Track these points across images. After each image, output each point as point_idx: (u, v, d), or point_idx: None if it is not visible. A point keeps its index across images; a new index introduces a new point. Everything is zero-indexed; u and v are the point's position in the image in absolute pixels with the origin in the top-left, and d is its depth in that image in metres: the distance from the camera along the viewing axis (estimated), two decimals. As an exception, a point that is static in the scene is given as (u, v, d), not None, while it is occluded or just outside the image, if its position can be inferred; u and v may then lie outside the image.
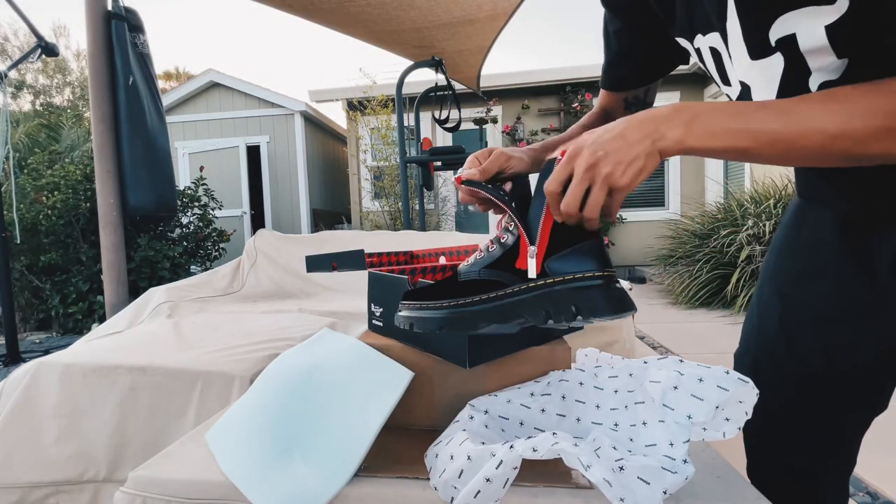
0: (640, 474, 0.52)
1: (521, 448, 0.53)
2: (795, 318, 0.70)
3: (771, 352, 0.74)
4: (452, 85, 3.83)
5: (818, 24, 0.44)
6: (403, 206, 4.03)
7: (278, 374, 0.75)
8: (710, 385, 0.58)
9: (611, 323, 1.47)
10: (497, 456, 0.53)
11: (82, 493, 1.12)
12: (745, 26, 0.50)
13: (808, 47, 0.46)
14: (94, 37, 2.48)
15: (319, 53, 70.18)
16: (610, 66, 0.80)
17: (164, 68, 17.99)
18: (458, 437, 0.61)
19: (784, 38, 0.47)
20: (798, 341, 0.70)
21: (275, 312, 1.81)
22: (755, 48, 0.50)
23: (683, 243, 4.71)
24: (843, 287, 0.64)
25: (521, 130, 6.57)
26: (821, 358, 0.68)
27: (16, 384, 1.15)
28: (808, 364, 0.69)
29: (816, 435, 0.71)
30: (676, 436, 0.57)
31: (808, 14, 0.44)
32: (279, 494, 0.59)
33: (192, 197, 4.21)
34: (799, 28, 0.45)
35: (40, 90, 10.94)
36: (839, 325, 0.66)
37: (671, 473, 0.53)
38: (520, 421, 0.69)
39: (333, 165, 8.68)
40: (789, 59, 0.48)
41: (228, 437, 0.70)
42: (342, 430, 0.65)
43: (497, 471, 0.51)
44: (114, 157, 2.52)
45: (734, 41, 0.52)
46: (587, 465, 0.51)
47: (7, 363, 2.82)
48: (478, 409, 0.69)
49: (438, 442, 0.64)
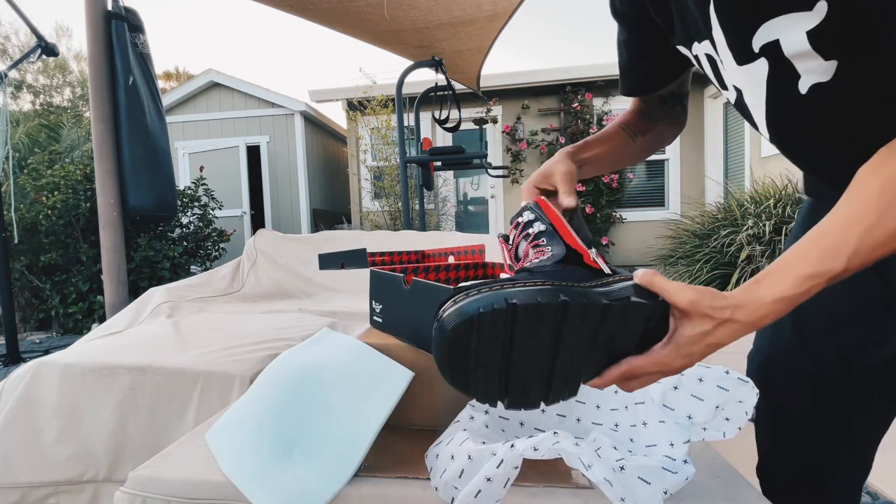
0: (640, 474, 0.52)
1: (523, 447, 0.53)
2: (810, 318, 0.69)
3: (784, 352, 0.73)
4: (452, 85, 3.83)
5: (799, 29, 0.44)
6: (403, 206, 4.04)
7: (278, 374, 0.75)
8: (710, 385, 0.59)
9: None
10: (498, 455, 0.53)
11: (82, 493, 1.12)
12: (729, 34, 0.51)
13: (792, 52, 0.46)
14: (94, 37, 2.48)
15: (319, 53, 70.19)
16: (625, 74, 0.79)
17: (164, 68, 17.99)
18: (459, 436, 0.60)
19: (768, 45, 0.48)
20: (812, 342, 0.70)
21: (275, 312, 1.81)
22: (740, 54, 0.51)
23: (683, 243, 4.71)
24: (857, 285, 0.61)
25: (521, 130, 6.57)
26: (835, 358, 0.67)
27: (16, 384, 1.15)
28: (821, 365, 0.69)
29: (828, 438, 0.71)
30: (677, 436, 0.58)
31: (789, 21, 0.44)
32: (279, 494, 0.59)
33: (192, 197, 4.21)
34: (781, 35, 0.46)
35: (40, 90, 10.94)
36: (853, 324, 0.65)
37: (671, 473, 0.53)
38: (520, 421, 0.69)
39: (333, 165, 8.68)
40: (774, 64, 0.49)
41: (228, 437, 0.70)
42: (342, 430, 0.65)
43: (498, 470, 0.51)
44: (114, 157, 2.52)
45: (721, 48, 0.53)
46: (588, 465, 0.51)
47: (7, 363, 2.82)
48: (478, 409, 0.69)
49: (439, 442, 0.64)
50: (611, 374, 0.49)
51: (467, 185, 7.14)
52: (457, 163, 4.13)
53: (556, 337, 0.46)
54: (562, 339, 0.46)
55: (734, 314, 0.45)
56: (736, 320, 0.45)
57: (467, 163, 4.14)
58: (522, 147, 6.52)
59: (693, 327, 0.47)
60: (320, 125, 8.18)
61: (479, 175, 6.96)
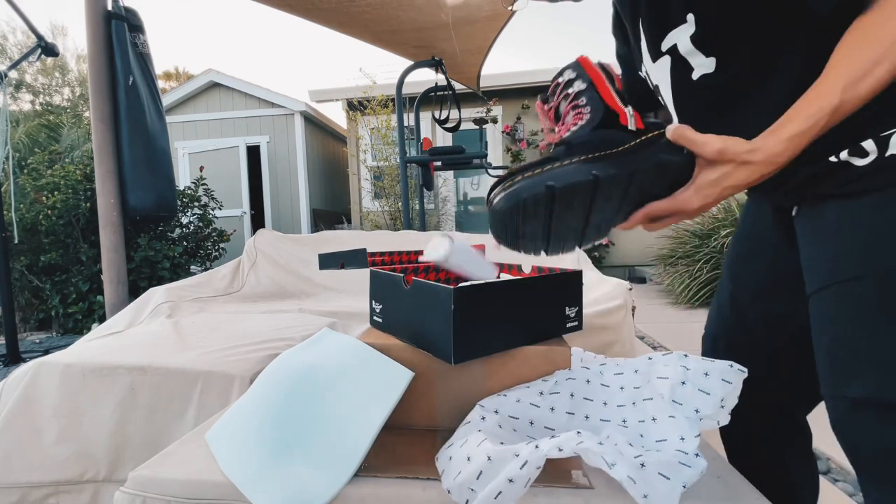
0: (660, 470, 0.53)
1: (547, 447, 0.53)
2: (742, 295, 0.82)
3: (725, 328, 0.85)
4: (452, 85, 3.83)
5: (685, 36, 0.62)
6: (403, 206, 4.03)
7: (278, 374, 0.75)
8: (716, 379, 0.61)
9: (611, 323, 1.47)
10: (522, 456, 0.52)
11: (82, 493, 1.12)
12: (647, 42, 0.69)
13: (685, 51, 0.63)
14: (94, 37, 2.48)
15: (319, 53, 70.14)
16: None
17: (164, 68, 18.00)
18: (474, 437, 0.60)
19: (670, 48, 0.65)
20: (745, 316, 0.81)
21: (275, 312, 1.81)
22: (654, 55, 0.69)
23: (683, 243, 4.71)
24: (778, 262, 0.75)
25: (521, 130, 6.57)
26: (762, 329, 0.79)
27: (16, 384, 1.15)
28: (753, 336, 0.80)
29: (770, 403, 0.81)
30: (687, 430, 0.59)
31: (680, 31, 0.62)
32: (279, 494, 0.58)
33: (192, 197, 4.21)
34: (678, 40, 0.63)
35: (40, 90, 10.93)
36: (776, 297, 0.76)
37: (687, 468, 0.54)
38: (530, 420, 0.68)
39: (333, 165, 8.68)
40: (675, 60, 0.66)
41: (228, 438, 0.70)
42: (342, 430, 0.65)
43: (521, 471, 0.51)
44: (114, 157, 2.52)
45: (645, 54, 0.71)
46: (611, 464, 0.51)
47: (7, 363, 2.82)
48: (488, 409, 0.68)
49: (451, 444, 0.63)
50: (635, 218, 0.62)
51: (467, 185, 7.14)
52: (457, 163, 4.12)
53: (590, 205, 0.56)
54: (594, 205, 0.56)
55: (751, 156, 0.55)
56: (753, 161, 0.55)
57: (467, 163, 4.14)
58: (522, 147, 6.52)
59: (714, 171, 0.57)
60: (320, 125, 8.17)
61: (479, 175, 6.96)
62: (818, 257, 0.62)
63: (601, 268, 5.84)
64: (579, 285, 0.84)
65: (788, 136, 0.53)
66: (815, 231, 0.62)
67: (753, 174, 0.55)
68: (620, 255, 6.40)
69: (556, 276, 0.81)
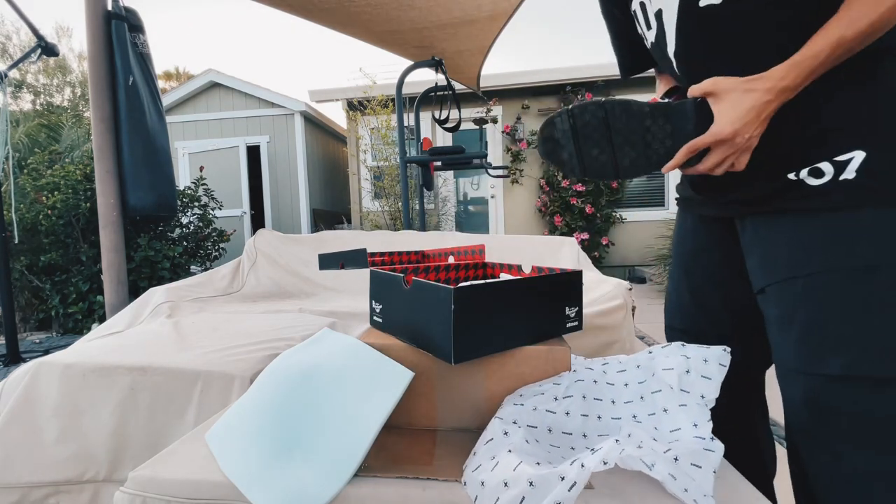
0: (692, 460, 0.54)
1: (593, 464, 0.51)
2: (701, 287, 0.88)
3: (689, 320, 0.90)
4: (452, 85, 3.83)
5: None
6: (403, 206, 4.03)
7: (278, 374, 0.75)
8: (714, 364, 0.64)
9: (611, 323, 1.47)
10: (569, 478, 0.50)
11: (82, 493, 1.12)
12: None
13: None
14: (94, 37, 2.48)
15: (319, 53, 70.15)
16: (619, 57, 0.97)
17: (164, 68, 17.98)
18: (506, 459, 0.57)
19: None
20: (707, 306, 0.87)
21: (275, 312, 1.81)
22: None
23: (683, 243, 4.70)
24: (731, 255, 0.81)
25: (521, 130, 6.57)
26: (725, 316, 0.85)
27: (16, 384, 1.15)
28: (718, 325, 0.86)
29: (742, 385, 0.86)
30: (699, 417, 0.60)
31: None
32: (279, 494, 0.59)
33: (192, 197, 4.21)
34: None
35: (40, 90, 10.93)
36: (734, 285, 0.82)
37: (711, 452, 0.56)
38: (548, 427, 0.67)
39: (333, 165, 8.68)
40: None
41: (228, 438, 0.70)
42: (342, 430, 0.65)
43: (570, 493, 0.49)
44: (114, 157, 2.52)
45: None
46: (651, 465, 0.51)
47: (7, 363, 2.82)
48: (507, 421, 0.66)
49: (478, 466, 0.60)
50: (679, 155, 0.68)
51: (467, 185, 7.14)
52: (457, 163, 4.12)
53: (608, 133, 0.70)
54: (612, 132, 0.70)
55: (753, 84, 0.62)
56: (755, 89, 0.62)
57: (467, 163, 4.13)
58: (522, 147, 6.52)
59: (723, 101, 0.64)
60: (320, 125, 8.17)
61: (479, 175, 6.96)
62: (776, 256, 0.70)
63: (601, 268, 5.84)
64: (579, 285, 0.84)
65: (792, 62, 0.60)
66: (771, 236, 0.71)
67: (762, 97, 0.62)
68: (620, 255, 6.40)
69: (556, 276, 0.81)
